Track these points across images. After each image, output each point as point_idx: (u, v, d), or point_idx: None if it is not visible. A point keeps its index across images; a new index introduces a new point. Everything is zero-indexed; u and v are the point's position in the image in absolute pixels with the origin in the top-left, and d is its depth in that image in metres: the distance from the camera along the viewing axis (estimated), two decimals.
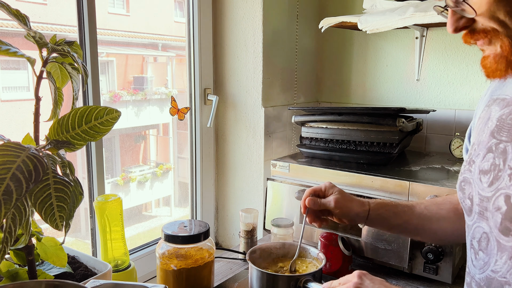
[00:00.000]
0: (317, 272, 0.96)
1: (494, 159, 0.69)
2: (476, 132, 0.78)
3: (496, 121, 0.71)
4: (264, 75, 1.50)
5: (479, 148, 0.73)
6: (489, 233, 0.69)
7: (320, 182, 1.30)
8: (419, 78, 1.57)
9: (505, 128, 0.69)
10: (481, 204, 0.70)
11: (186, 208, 1.67)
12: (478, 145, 0.74)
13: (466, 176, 0.75)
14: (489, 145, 0.71)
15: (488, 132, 0.72)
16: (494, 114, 0.74)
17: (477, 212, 0.72)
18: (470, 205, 0.73)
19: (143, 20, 2.17)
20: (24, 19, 0.67)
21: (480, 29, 0.63)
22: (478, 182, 0.71)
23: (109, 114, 0.72)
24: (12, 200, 0.57)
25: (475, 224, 0.72)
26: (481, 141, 0.74)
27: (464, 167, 0.77)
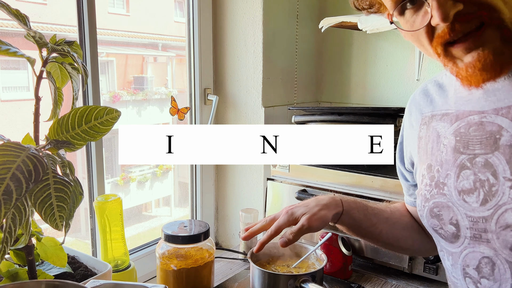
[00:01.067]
0: (317, 272, 0.97)
1: (476, 175, 0.63)
2: (426, 153, 0.73)
3: (454, 136, 0.67)
4: (264, 75, 1.50)
5: (444, 169, 0.68)
6: (493, 256, 0.62)
7: (320, 182, 1.30)
8: (419, 78, 1.57)
9: (474, 141, 0.64)
10: (474, 226, 0.64)
11: (186, 208, 1.67)
12: (440, 166, 0.69)
13: (438, 200, 0.69)
14: (459, 162, 0.66)
15: (450, 150, 0.68)
16: (443, 130, 0.69)
17: (468, 237, 0.65)
18: (455, 231, 0.67)
19: (143, 20, 2.17)
20: (24, 19, 0.67)
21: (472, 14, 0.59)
22: (462, 204, 0.65)
23: (109, 114, 0.72)
24: (12, 200, 0.57)
25: (467, 250, 0.66)
26: (442, 160, 0.69)
27: (428, 192, 0.71)
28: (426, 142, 0.73)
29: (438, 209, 0.69)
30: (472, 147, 0.65)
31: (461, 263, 0.68)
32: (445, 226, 0.68)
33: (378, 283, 1.13)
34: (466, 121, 0.66)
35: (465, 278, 0.68)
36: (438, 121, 0.71)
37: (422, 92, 0.80)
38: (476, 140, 0.64)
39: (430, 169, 0.71)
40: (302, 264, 1.04)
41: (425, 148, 0.73)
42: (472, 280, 0.66)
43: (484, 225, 0.63)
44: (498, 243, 0.61)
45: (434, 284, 1.10)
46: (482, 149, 0.63)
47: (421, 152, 0.75)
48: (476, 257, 0.65)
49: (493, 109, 0.63)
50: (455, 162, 0.67)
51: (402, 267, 1.14)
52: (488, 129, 0.63)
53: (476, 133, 0.65)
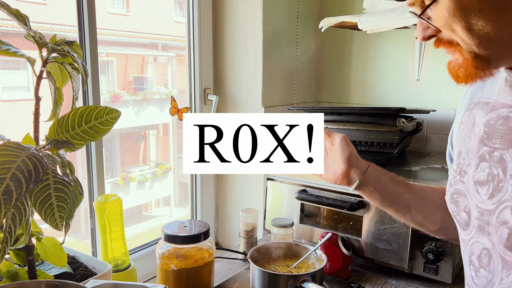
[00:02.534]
0: (317, 273, 0.97)
1: (491, 169, 0.65)
2: (461, 139, 0.75)
3: (484, 127, 0.69)
4: (264, 75, 1.50)
5: (468, 157, 0.70)
6: (491, 249, 0.65)
7: (320, 182, 1.30)
8: (419, 78, 1.57)
9: (497, 135, 0.66)
10: (481, 218, 0.67)
11: (186, 208, 1.67)
12: (467, 154, 0.71)
13: (458, 187, 0.72)
14: (480, 153, 0.68)
15: (477, 139, 0.69)
16: (479, 119, 0.71)
17: (476, 227, 0.68)
18: (466, 219, 0.70)
19: (143, 20, 2.17)
20: (24, 19, 0.67)
21: (446, 40, 0.64)
22: (475, 194, 0.68)
23: (109, 114, 0.72)
24: (12, 200, 0.57)
25: (473, 239, 0.69)
26: (469, 149, 0.71)
27: (453, 178, 0.74)
28: (463, 128, 0.75)
29: (457, 196, 0.72)
30: (494, 140, 0.66)
31: (468, 250, 0.71)
32: (460, 213, 0.71)
33: (378, 283, 1.13)
34: (497, 113, 0.68)
35: (469, 265, 0.71)
36: (479, 109, 0.72)
37: None
38: (499, 134, 0.66)
39: (459, 155, 0.74)
40: (302, 264, 1.04)
41: (461, 134, 0.75)
42: (474, 268, 0.70)
43: (488, 218, 0.65)
44: (495, 237, 0.64)
45: (434, 284, 1.10)
46: (501, 144, 0.65)
47: (458, 136, 0.77)
48: (479, 247, 0.68)
49: None
50: (478, 153, 0.69)
51: (402, 267, 1.14)
52: (511, 125, 0.64)
53: (500, 127, 0.66)
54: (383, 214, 1.15)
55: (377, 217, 1.16)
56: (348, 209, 1.19)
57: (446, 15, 0.59)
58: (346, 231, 1.24)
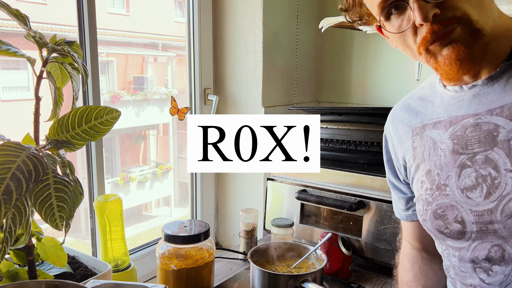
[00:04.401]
0: (316, 273, 0.97)
1: (478, 172, 0.67)
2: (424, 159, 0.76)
3: (451, 140, 0.71)
4: (264, 75, 1.50)
5: (444, 171, 0.72)
6: (502, 243, 0.66)
7: (320, 182, 1.30)
8: (419, 78, 1.57)
9: (472, 141, 0.68)
10: (480, 220, 0.67)
11: (186, 208, 1.67)
12: (440, 169, 0.73)
13: (442, 201, 0.72)
14: (459, 162, 0.70)
15: (448, 153, 0.71)
16: (438, 136, 0.73)
17: (475, 231, 0.69)
18: (460, 228, 0.70)
19: (143, 20, 2.17)
20: (24, 19, 0.67)
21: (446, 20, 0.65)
22: (465, 201, 0.69)
23: (109, 114, 0.72)
24: (12, 200, 0.57)
25: (475, 242, 0.70)
26: (442, 164, 0.72)
27: (429, 196, 0.74)
28: (422, 150, 0.77)
29: (442, 210, 0.73)
30: (471, 146, 0.69)
31: (469, 256, 0.71)
32: (450, 225, 0.72)
33: (378, 283, 1.13)
34: (461, 124, 0.71)
35: (475, 269, 0.71)
36: (432, 129, 0.75)
37: (403, 108, 0.85)
38: (474, 140, 0.68)
39: (429, 174, 0.75)
40: (302, 264, 1.04)
41: (422, 156, 0.77)
42: (483, 269, 0.70)
43: (489, 217, 0.66)
44: (505, 231, 0.65)
45: None
46: (481, 147, 0.67)
47: (417, 160, 0.79)
48: (486, 247, 0.68)
49: (487, 110, 0.68)
50: (455, 163, 0.70)
51: None
52: (485, 128, 0.67)
53: (473, 134, 0.69)
54: (383, 214, 1.15)
55: (377, 217, 1.16)
56: (348, 209, 1.19)
57: None
58: (346, 231, 1.24)
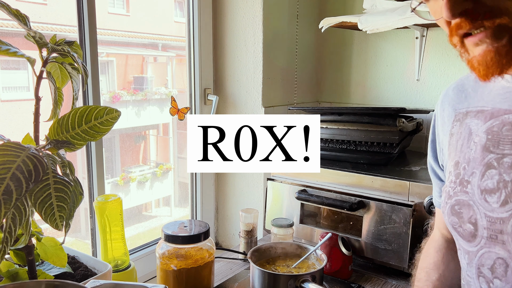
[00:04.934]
0: (316, 273, 0.97)
1: (501, 175, 0.63)
2: (456, 149, 0.73)
3: (486, 135, 0.67)
4: (264, 75, 1.50)
5: (470, 166, 0.68)
6: (507, 258, 0.63)
7: (320, 182, 1.30)
8: (419, 78, 1.57)
9: (505, 141, 0.64)
10: (491, 227, 0.64)
11: (186, 208, 1.67)
12: (467, 163, 0.69)
13: (460, 198, 0.69)
14: (486, 161, 0.66)
15: (479, 148, 0.67)
16: (476, 127, 0.69)
17: (485, 237, 0.66)
18: (472, 230, 0.67)
19: (143, 20, 2.17)
20: (24, 19, 0.67)
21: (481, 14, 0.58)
22: (482, 203, 0.65)
23: (109, 114, 0.72)
24: (12, 200, 0.57)
25: (483, 249, 0.67)
26: (470, 158, 0.69)
27: (452, 189, 0.71)
28: (457, 138, 0.73)
29: (459, 207, 0.69)
30: (502, 146, 0.65)
31: (476, 262, 0.68)
32: (464, 224, 0.69)
33: (378, 283, 1.13)
34: (500, 119, 0.66)
35: (478, 277, 0.68)
36: (472, 118, 0.71)
37: (456, 88, 0.79)
38: (507, 140, 0.64)
39: (457, 166, 0.71)
40: (302, 264, 1.04)
41: (455, 145, 0.73)
42: (485, 280, 0.67)
43: (500, 227, 0.63)
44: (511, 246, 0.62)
45: None
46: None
47: (451, 148, 0.75)
48: (491, 257, 0.65)
49: None
50: (482, 161, 0.66)
51: (402, 267, 1.14)
52: None
53: (508, 133, 0.64)
54: (383, 214, 1.15)
55: (377, 217, 1.16)
56: (348, 209, 1.19)
57: None
58: (346, 231, 1.24)
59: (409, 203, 1.12)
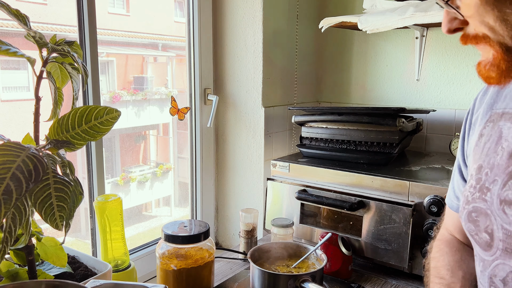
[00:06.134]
0: (316, 272, 0.97)
1: None
2: (482, 152, 0.69)
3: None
4: (264, 75, 1.50)
5: (493, 173, 0.64)
6: None
7: (320, 182, 1.30)
8: (419, 78, 1.57)
9: None
10: (507, 240, 0.61)
11: (186, 208, 1.67)
12: (490, 169, 0.65)
13: (478, 205, 0.65)
14: (510, 169, 0.62)
15: (505, 154, 0.63)
16: (507, 131, 0.65)
17: (500, 248, 0.63)
18: (488, 240, 0.65)
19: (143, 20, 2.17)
20: (24, 19, 0.67)
21: (472, 35, 0.58)
22: (500, 214, 0.62)
23: (109, 114, 0.72)
24: (12, 200, 0.57)
25: (498, 261, 0.64)
26: (494, 164, 0.65)
27: (471, 194, 0.68)
28: (486, 140, 0.69)
29: (476, 214, 0.66)
30: None
31: (490, 271, 0.66)
32: (480, 233, 0.66)
33: (378, 283, 1.13)
34: None
35: (490, 286, 0.66)
36: (507, 121, 0.66)
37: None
38: None
39: (479, 170, 0.68)
40: (302, 264, 1.04)
41: (483, 147, 0.69)
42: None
43: None
44: None
45: None
46: None
47: (477, 150, 0.70)
48: (505, 270, 0.63)
49: None
50: (507, 169, 0.63)
51: (402, 267, 1.14)
52: None
53: None
54: (383, 214, 1.15)
55: (377, 217, 1.16)
56: (348, 209, 1.19)
57: (477, 3, 0.53)
58: (346, 231, 1.24)
59: (409, 203, 1.12)
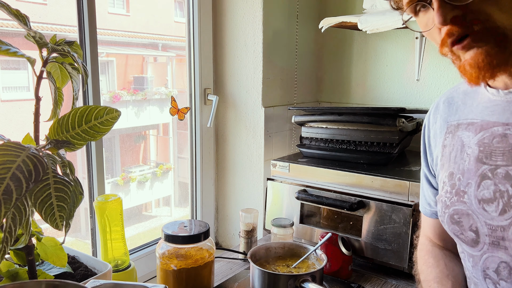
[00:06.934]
0: (316, 272, 0.97)
1: (497, 186, 0.66)
2: (450, 161, 0.75)
3: (478, 146, 0.69)
4: (264, 75, 1.50)
5: (465, 177, 0.71)
6: (510, 262, 0.66)
7: (320, 182, 1.30)
8: (419, 78, 1.57)
9: (497, 153, 0.67)
10: (493, 234, 0.67)
11: (186, 208, 1.67)
12: (462, 174, 0.71)
13: (458, 208, 0.72)
14: (480, 172, 0.68)
15: (472, 159, 0.70)
16: (468, 139, 0.72)
17: (487, 243, 0.68)
18: (474, 237, 0.70)
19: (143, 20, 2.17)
20: (24, 19, 0.67)
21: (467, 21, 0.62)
22: (481, 212, 0.68)
23: (109, 114, 0.72)
24: (12, 200, 0.57)
25: (486, 254, 0.69)
26: (464, 169, 0.71)
27: (448, 199, 0.74)
28: (450, 150, 0.75)
29: (458, 216, 0.72)
30: (494, 158, 0.67)
31: (481, 265, 0.71)
32: (465, 232, 0.71)
33: (378, 283, 1.13)
34: (490, 131, 0.69)
35: (485, 279, 0.71)
36: (464, 130, 0.73)
37: (446, 100, 0.82)
38: (499, 151, 0.67)
39: (451, 177, 0.74)
40: (302, 264, 1.04)
41: (449, 156, 0.76)
42: (492, 281, 0.70)
43: (502, 234, 0.66)
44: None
45: None
46: (504, 160, 0.66)
47: (444, 159, 0.77)
48: (495, 261, 0.68)
49: None
50: (477, 172, 0.69)
51: (402, 267, 1.14)
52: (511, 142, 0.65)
53: (499, 145, 0.67)
54: (383, 214, 1.15)
55: (377, 217, 1.16)
56: (348, 209, 1.19)
57: None
58: (346, 231, 1.24)
59: (409, 203, 1.12)
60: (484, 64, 0.61)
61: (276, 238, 1.23)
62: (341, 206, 1.20)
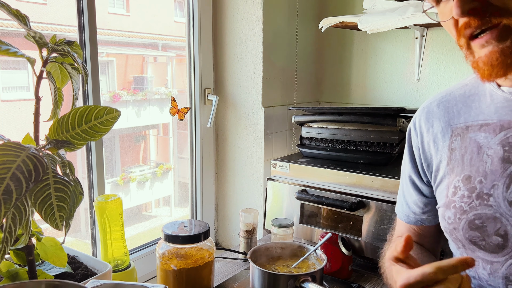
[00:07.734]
0: (316, 272, 0.97)
1: None
2: (464, 164, 0.72)
3: (501, 146, 0.67)
4: (264, 75, 1.50)
5: (489, 179, 0.68)
6: None
7: (320, 182, 1.30)
8: (419, 78, 1.57)
9: None
10: None
11: (186, 208, 1.67)
12: (483, 177, 0.69)
13: (481, 212, 0.68)
14: (509, 172, 0.66)
15: (496, 160, 0.67)
16: (486, 140, 0.69)
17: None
18: (501, 242, 0.67)
19: (143, 20, 2.17)
20: (24, 19, 0.67)
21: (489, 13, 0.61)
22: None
23: (109, 114, 0.72)
24: (12, 200, 0.57)
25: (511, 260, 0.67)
26: (486, 171, 0.68)
27: (466, 204, 0.70)
28: (463, 153, 0.73)
29: (481, 221, 0.69)
30: None
31: (504, 271, 0.68)
32: (489, 237, 0.68)
33: (378, 283, 1.13)
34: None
35: (507, 285, 0.68)
36: (477, 132, 0.71)
37: (441, 104, 0.81)
38: None
39: (468, 180, 0.71)
40: (302, 264, 1.04)
41: (461, 159, 0.73)
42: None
43: None
44: None
45: None
46: None
47: (453, 163, 0.74)
48: None
49: None
50: (504, 172, 0.67)
51: None
52: None
53: None
54: (383, 214, 1.15)
55: (377, 217, 1.16)
56: (348, 209, 1.19)
57: None
58: (346, 231, 1.24)
59: None
60: (498, 62, 0.61)
61: (276, 238, 1.23)
62: (341, 206, 1.20)
